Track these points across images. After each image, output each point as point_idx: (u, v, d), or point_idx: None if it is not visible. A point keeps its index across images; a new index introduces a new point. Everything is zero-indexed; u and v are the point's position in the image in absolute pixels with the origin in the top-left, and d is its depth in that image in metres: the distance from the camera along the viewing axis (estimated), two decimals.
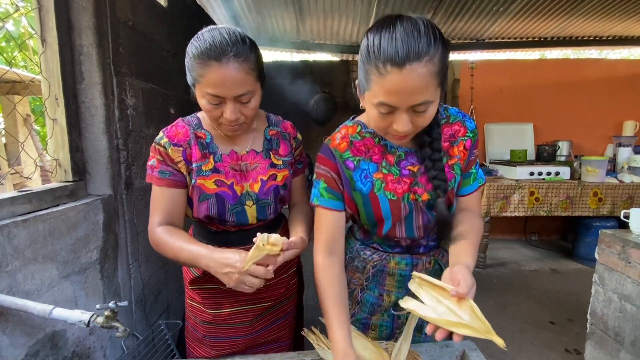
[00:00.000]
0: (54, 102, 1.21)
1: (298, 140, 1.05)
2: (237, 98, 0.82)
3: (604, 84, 3.92)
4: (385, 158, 0.86)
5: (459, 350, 0.88)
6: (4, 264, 0.89)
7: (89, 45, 1.26)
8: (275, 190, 0.97)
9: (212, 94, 0.80)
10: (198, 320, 1.04)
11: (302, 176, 1.08)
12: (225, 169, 0.93)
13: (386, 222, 0.87)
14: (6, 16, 1.17)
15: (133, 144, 1.52)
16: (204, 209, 0.91)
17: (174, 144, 0.90)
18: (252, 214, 0.96)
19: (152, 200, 0.92)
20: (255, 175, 0.96)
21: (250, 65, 0.81)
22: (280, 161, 0.99)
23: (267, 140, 0.99)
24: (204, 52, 0.77)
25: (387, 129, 0.74)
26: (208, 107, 0.83)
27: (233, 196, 0.93)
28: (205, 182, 0.91)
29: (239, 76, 0.79)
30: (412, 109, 0.69)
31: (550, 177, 3.15)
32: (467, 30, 3.67)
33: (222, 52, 0.77)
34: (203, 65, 0.78)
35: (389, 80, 0.65)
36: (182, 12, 2.13)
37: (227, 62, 0.77)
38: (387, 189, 0.85)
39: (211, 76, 0.78)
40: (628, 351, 1.52)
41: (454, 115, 0.89)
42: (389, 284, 0.95)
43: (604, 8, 3.07)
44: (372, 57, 0.66)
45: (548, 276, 3.20)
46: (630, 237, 1.57)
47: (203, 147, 0.92)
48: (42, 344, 1.00)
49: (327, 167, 0.86)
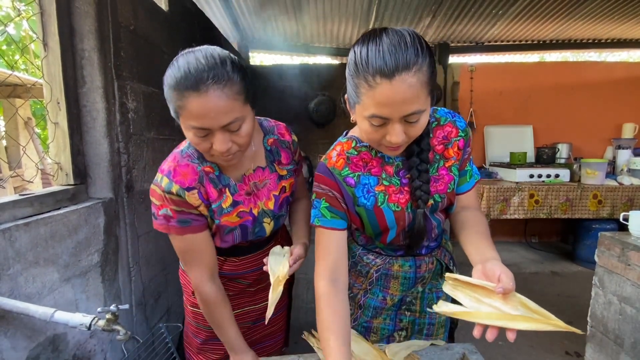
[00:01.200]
0: (55, 105, 1.21)
1: (295, 143, 1.03)
2: (225, 127, 0.73)
3: (603, 86, 3.93)
4: (385, 170, 0.85)
5: (459, 353, 0.88)
6: (5, 267, 0.89)
7: (90, 49, 1.27)
8: (286, 200, 0.99)
9: (196, 127, 0.72)
10: (200, 326, 1.04)
11: (300, 173, 1.10)
12: (243, 199, 0.91)
13: (391, 232, 0.87)
14: (8, 20, 1.18)
15: (134, 148, 1.52)
16: (230, 240, 0.91)
17: (188, 188, 0.82)
18: (269, 229, 0.98)
19: (180, 250, 0.88)
20: (268, 193, 0.95)
21: (234, 89, 0.72)
22: (285, 171, 0.98)
23: (267, 151, 0.96)
24: (179, 82, 0.69)
25: (381, 140, 0.73)
26: (195, 140, 0.75)
27: (253, 220, 0.93)
28: (229, 218, 0.89)
29: (222, 104, 0.70)
30: (404, 119, 0.68)
31: (550, 179, 3.15)
32: (467, 33, 3.69)
33: (199, 79, 0.68)
34: (181, 96, 0.70)
35: (379, 92, 0.65)
36: (183, 16, 2.14)
37: (206, 90, 0.68)
38: (391, 200, 0.84)
39: (191, 108, 0.70)
40: (628, 353, 1.52)
41: (444, 117, 0.88)
42: (394, 287, 0.95)
43: (603, 11, 3.09)
44: (361, 70, 0.66)
45: (548, 278, 3.20)
46: (630, 240, 1.57)
47: (215, 183, 0.87)
48: (43, 347, 1.00)
49: (328, 186, 0.84)
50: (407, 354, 0.86)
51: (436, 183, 0.86)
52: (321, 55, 4.14)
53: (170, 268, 1.86)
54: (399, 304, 0.98)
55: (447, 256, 0.99)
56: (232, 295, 1.01)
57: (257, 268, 1.01)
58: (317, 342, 0.89)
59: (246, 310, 1.05)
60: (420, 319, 0.98)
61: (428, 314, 0.98)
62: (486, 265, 0.68)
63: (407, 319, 0.98)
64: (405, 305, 0.98)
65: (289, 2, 2.87)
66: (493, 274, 0.65)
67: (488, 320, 0.60)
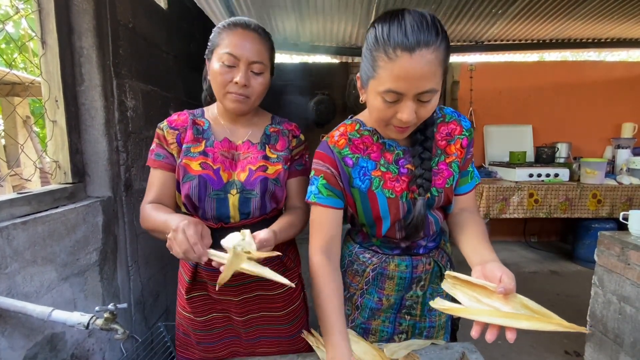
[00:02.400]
0: (54, 104, 1.21)
1: (300, 139, 1.02)
2: (250, 65, 0.87)
3: (603, 86, 3.93)
4: (384, 156, 0.86)
5: (458, 352, 0.88)
6: (3, 266, 0.89)
7: (89, 47, 1.27)
8: (263, 182, 0.92)
9: (228, 53, 0.85)
10: (189, 328, 1.03)
11: (299, 179, 1.01)
12: (214, 154, 0.92)
13: (384, 222, 0.86)
14: (6, 18, 1.18)
15: (133, 146, 1.52)
16: (185, 188, 0.89)
17: (172, 127, 0.94)
18: (233, 204, 0.91)
19: (148, 182, 0.95)
20: (245, 165, 0.93)
21: (267, 45, 0.91)
22: (274, 155, 0.96)
23: (266, 135, 0.98)
24: (232, 23, 0.89)
25: (390, 119, 0.74)
26: (221, 70, 0.86)
27: (217, 181, 0.90)
28: (191, 162, 0.91)
29: (257, 46, 0.87)
30: (417, 97, 0.69)
31: (550, 178, 3.15)
32: (466, 32, 3.68)
33: (248, 24, 0.89)
34: (228, 31, 0.87)
35: (398, 64, 0.66)
36: (182, 14, 2.13)
37: (249, 31, 0.88)
38: (386, 186, 0.84)
39: (232, 39, 0.86)
40: (628, 353, 1.52)
41: (450, 115, 0.90)
42: (389, 288, 0.94)
43: (603, 10, 3.09)
44: (381, 44, 0.67)
45: (547, 278, 3.20)
46: (629, 239, 1.57)
47: (198, 132, 0.94)
48: (41, 346, 1.00)
49: (327, 164, 0.85)
50: (407, 353, 0.86)
51: (435, 177, 0.86)
52: (321, 54, 4.14)
53: (169, 267, 1.86)
54: (397, 307, 0.96)
55: (445, 258, 0.98)
56: (219, 299, 0.98)
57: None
58: (317, 341, 0.88)
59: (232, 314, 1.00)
60: (420, 323, 0.98)
61: (429, 317, 0.98)
62: (486, 267, 0.67)
63: (406, 322, 0.97)
64: (405, 309, 0.97)
65: (289, 1, 2.86)
66: (493, 275, 0.64)
67: (489, 318, 0.58)
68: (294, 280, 1.02)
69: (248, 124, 0.99)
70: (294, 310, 1.05)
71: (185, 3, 2.23)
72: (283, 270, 1.00)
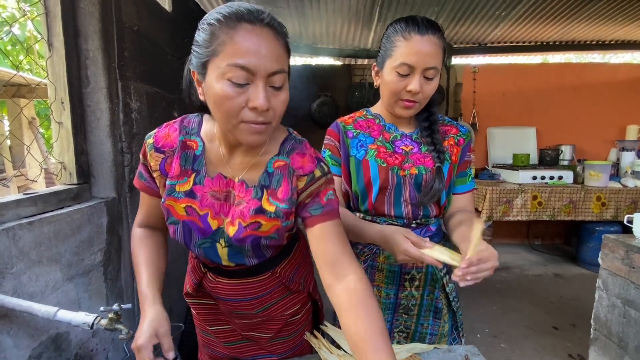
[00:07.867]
0: (59, 105, 1.22)
1: (312, 176, 0.75)
2: (270, 77, 0.62)
3: (607, 88, 3.92)
4: (382, 135, 1.00)
5: (461, 355, 0.88)
6: (9, 266, 0.90)
7: (94, 49, 1.28)
8: (255, 240, 0.75)
9: (239, 65, 0.59)
10: (199, 330, 1.02)
11: (334, 222, 0.75)
12: (202, 195, 0.74)
13: (374, 189, 0.95)
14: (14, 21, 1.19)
15: (137, 147, 1.53)
16: (171, 232, 0.78)
17: (157, 148, 0.74)
18: (223, 255, 0.78)
19: (140, 199, 0.87)
20: (235, 217, 0.74)
21: (282, 42, 0.65)
22: (273, 207, 0.73)
23: (267, 173, 0.75)
24: (232, 13, 0.60)
25: (401, 92, 0.90)
26: (229, 91, 0.60)
27: (204, 229, 0.75)
28: (175, 205, 0.74)
29: (275, 49, 0.62)
30: (424, 73, 0.87)
31: (553, 181, 3.14)
32: (470, 34, 3.68)
33: (257, 14, 0.61)
34: (231, 28, 0.60)
35: (412, 42, 0.86)
36: (186, 17, 2.15)
37: (261, 26, 0.60)
38: (379, 156, 0.97)
39: (241, 41, 0.59)
40: (632, 357, 1.51)
41: (449, 121, 1.05)
42: (379, 279, 1.02)
43: (607, 12, 3.07)
44: (399, 31, 0.88)
45: (551, 281, 3.18)
46: (634, 242, 1.56)
47: (187, 161, 0.74)
48: (46, 345, 1.00)
49: (332, 137, 1.02)
50: (409, 355, 0.86)
51: (425, 159, 0.98)
52: (324, 56, 4.15)
53: (172, 268, 1.86)
54: (394, 307, 1.01)
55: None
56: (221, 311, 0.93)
57: (239, 299, 0.85)
58: (318, 343, 0.89)
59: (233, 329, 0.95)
60: (422, 330, 1.02)
61: (430, 325, 1.02)
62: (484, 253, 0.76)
63: (403, 319, 1.02)
64: (402, 309, 1.02)
65: (292, 3, 2.87)
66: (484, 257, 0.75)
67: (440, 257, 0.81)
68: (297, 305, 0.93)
69: (250, 151, 0.75)
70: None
71: (189, 5, 2.25)
72: (288, 293, 0.91)
